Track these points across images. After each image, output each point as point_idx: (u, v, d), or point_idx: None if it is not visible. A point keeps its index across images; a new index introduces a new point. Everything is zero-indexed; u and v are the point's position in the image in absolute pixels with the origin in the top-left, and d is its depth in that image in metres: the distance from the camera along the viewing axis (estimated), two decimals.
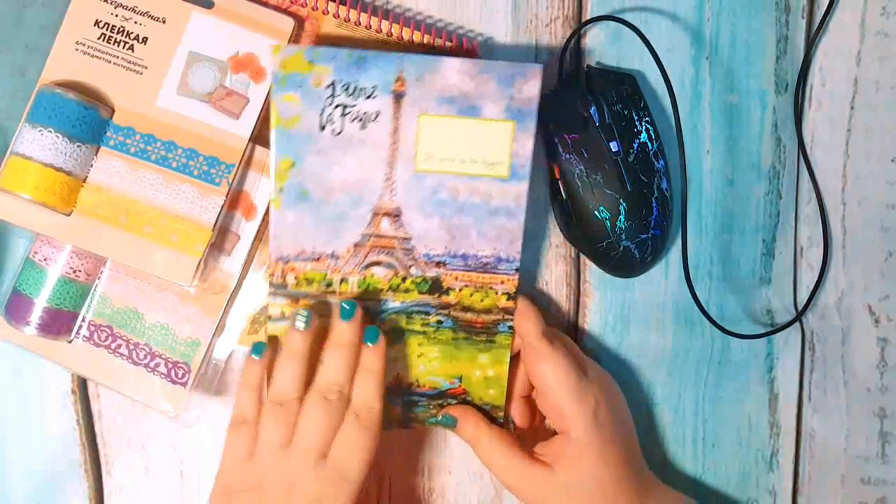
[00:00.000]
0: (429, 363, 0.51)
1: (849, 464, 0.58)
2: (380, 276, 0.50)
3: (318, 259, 0.49)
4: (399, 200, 0.49)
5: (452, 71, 0.47)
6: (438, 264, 0.50)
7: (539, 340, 0.49)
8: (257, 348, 0.48)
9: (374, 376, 0.48)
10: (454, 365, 0.52)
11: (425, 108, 0.48)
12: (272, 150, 0.47)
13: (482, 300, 0.50)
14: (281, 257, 0.49)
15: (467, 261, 0.50)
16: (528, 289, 0.56)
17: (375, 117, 0.47)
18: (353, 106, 0.47)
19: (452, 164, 0.48)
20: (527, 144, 0.48)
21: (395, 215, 0.49)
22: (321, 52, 0.47)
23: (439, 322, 0.51)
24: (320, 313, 0.49)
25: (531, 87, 0.47)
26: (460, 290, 0.50)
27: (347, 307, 0.48)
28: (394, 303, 0.50)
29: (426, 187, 0.49)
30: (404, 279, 0.50)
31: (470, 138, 0.48)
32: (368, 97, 0.47)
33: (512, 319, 0.51)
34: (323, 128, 0.47)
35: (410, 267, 0.50)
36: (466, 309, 0.51)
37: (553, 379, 0.49)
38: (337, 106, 0.47)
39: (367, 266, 0.49)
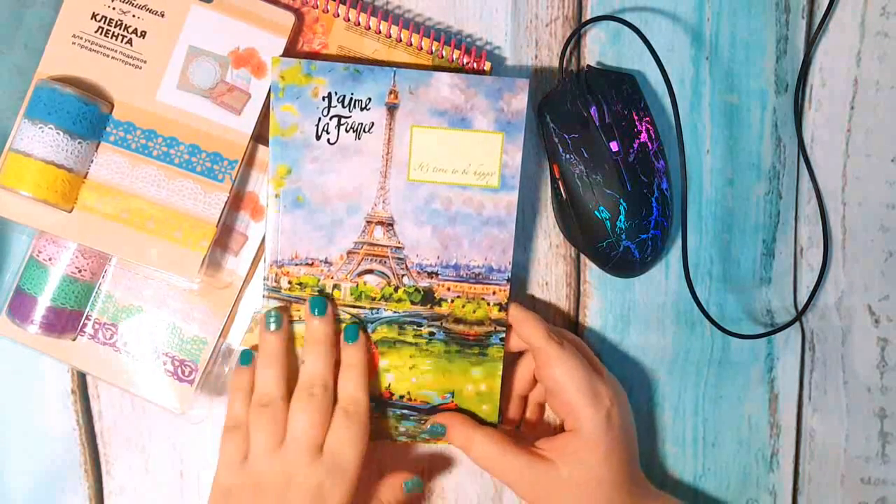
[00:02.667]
0: (420, 376, 0.52)
1: (849, 464, 0.58)
2: (372, 284, 0.50)
3: (311, 264, 0.50)
4: (392, 209, 0.50)
5: (443, 84, 0.49)
6: (431, 274, 0.50)
7: (547, 343, 0.49)
8: (245, 357, 0.50)
9: (357, 371, 0.49)
10: (446, 378, 0.52)
11: (418, 120, 0.49)
12: (270, 157, 0.49)
13: (474, 311, 0.51)
14: (276, 261, 0.50)
15: (459, 271, 0.51)
16: (529, 289, 0.56)
17: (370, 128, 0.49)
18: (349, 117, 0.49)
19: (444, 175, 0.50)
20: (516, 156, 0.50)
21: (389, 224, 0.50)
22: (318, 65, 0.48)
23: (431, 334, 0.51)
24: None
25: (519, 101, 0.49)
26: (452, 301, 0.51)
27: (317, 303, 0.49)
28: (386, 312, 0.51)
29: (419, 197, 0.50)
30: (396, 288, 0.50)
31: (461, 149, 0.50)
32: (363, 109, 0.49)
33: (503, 331, 0.51)
34: (319, 137, 0.49)
35: (403, 276, 0.50)
36: (458, 321, 0.51)
37: (566, 379, 0.49)
38: (333, 117, 0.49)
39: (360, 274, 0.50)
